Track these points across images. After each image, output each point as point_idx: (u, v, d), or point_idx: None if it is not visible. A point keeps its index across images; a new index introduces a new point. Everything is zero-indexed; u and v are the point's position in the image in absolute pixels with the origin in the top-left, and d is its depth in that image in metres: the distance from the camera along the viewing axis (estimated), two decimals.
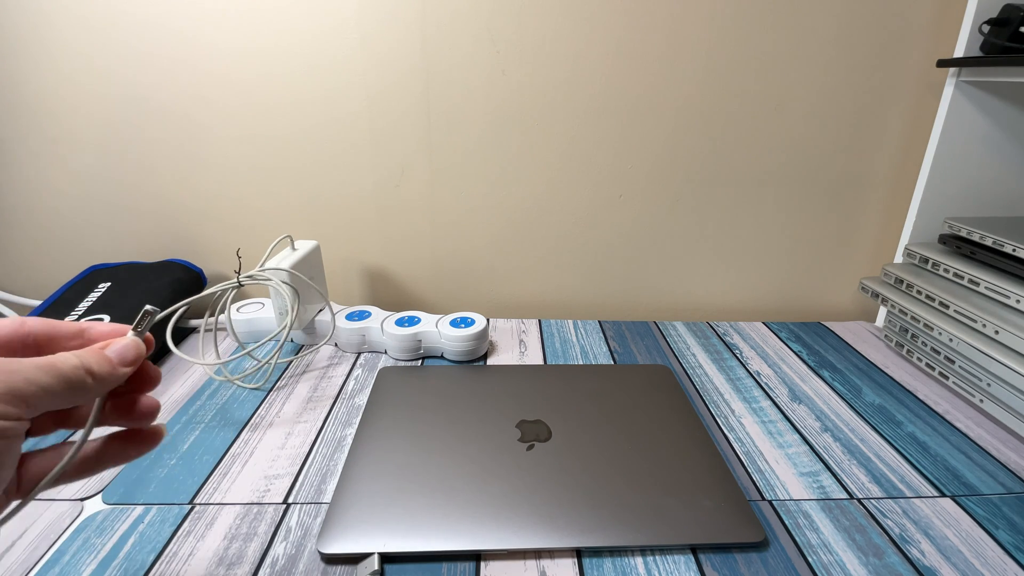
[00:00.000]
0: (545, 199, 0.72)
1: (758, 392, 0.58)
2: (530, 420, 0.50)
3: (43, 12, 0.62)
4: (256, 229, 0.73)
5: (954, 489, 0.45)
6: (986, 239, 0.57)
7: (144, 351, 0.28)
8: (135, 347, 0.27)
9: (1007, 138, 0.65)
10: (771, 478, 0.46)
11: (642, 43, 0.65)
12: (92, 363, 0.25)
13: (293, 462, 0.47)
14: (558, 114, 0.68)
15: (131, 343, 0.27)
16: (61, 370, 0.24)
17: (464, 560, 0.38)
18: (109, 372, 0.26)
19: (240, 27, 0.63)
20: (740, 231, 0.75)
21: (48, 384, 0.23)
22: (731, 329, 0.71)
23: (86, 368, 0.25)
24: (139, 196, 0.71)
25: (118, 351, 0.27)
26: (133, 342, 0.27)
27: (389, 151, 0.69)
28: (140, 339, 0.28)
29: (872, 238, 0.76)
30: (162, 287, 0.65)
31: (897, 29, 0.65)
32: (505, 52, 0.65)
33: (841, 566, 0.38)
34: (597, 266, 0.76)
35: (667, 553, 0.39)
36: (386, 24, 0.64)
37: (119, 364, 0.27)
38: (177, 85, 0.65)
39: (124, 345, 0.27)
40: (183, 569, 0.37)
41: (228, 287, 0.54)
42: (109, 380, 0.26)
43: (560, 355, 0.64)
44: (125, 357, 0.27)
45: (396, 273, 0.77)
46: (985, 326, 0.53)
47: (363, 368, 0.61)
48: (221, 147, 0.69)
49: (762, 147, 0.70)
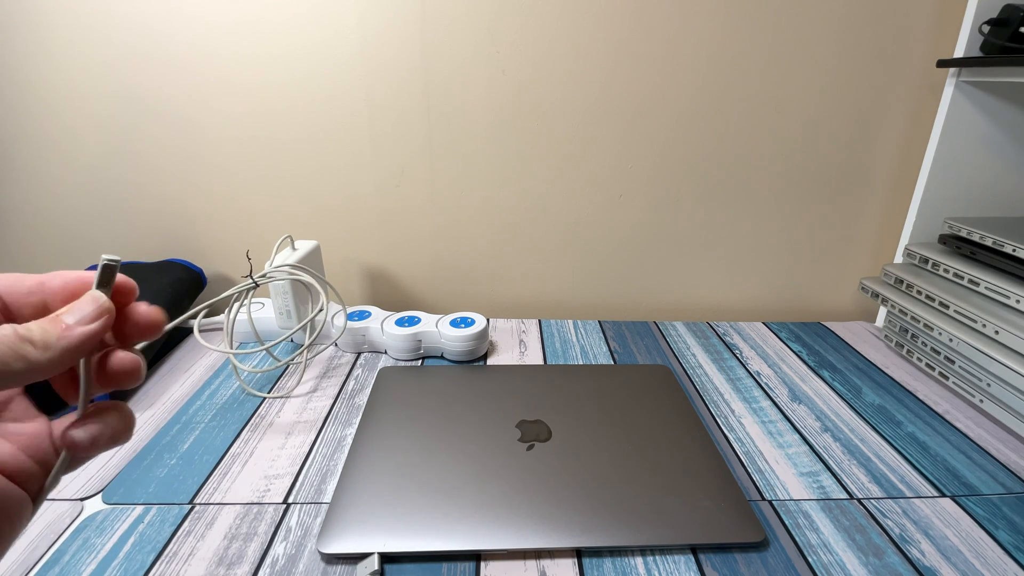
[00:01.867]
0: (545, 199, 0.72)
1: (758, 392, 0.58)
2: (530, 420, 0.50)
3: (43, 12, 0.62)
4: (256, 229, 0.73)
5: (954, 489, 0.45)
6: (986, 239, 0.57)
7: (106, 305, 0.23)
8: (93, 301, 0.22)
9: (1007, 138, 0.65)
10: (771, 478, 0.46)
11: (642, 44, 0.65)
12: (34, 330, 0.21)
13: (293, 462, 0.47)
14: (558, 114, 0.68)
15: (87, 297, 0.22)
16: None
17: (464, 560, 0.38)
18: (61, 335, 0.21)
19: (241, 29, 0.63)
20: (740, 231, 0.75)
21: None
22: (731, 329, 0.71)
23: (24, 337, 0.20)
24: (139, 196, 0.71)
25: (73, 309, 0.22)
26: (89, 296, 0.23)
27: (389, 151, 0.69)
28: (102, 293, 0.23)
29: (872, 238, 0.76)
30: (162, 287, 0.65)
31: (897, 29, 0.65)
32: (505, 53, 0.65)
33: (841, 566, 0.38)
34: (597, 266, 0.76)
35: (667, 553, 0.39)
36: (386, 25, 0.64)
37: (78, 324, 0.22)
38: (178, 87, 0.65)
39: (82, 301, 0.22)
40: (183, 569, 0.37)
41: (245, 288, 0.54)
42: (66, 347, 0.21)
43: (560, 355, 0.64)
44: (83, 313, 0.22)
45: (396, 273, 0.77)
46: (985, 326, 0.53)
47: (363, 368, 0.61)
48: (222, 148, 0.69)
49: (762, 147, 0.70)
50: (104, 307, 0.23)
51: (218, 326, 0.68)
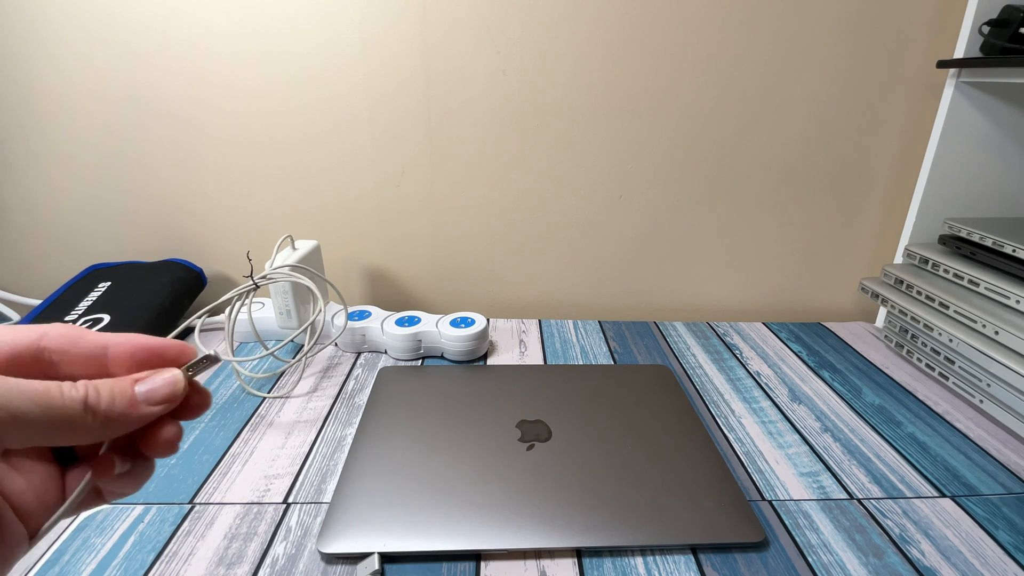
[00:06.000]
0: (545, 199, 0.72)
1: (758, 392, 0.58)
2: (530, 420, 0.50)
3: (43, 12, 0.62)
4: (257, 229, 0.73)
5: (954, 489, 0.45)
6: (986, 240, 0.57)
7: (181, 392, 0.22)
8: (171, 385, 0.22)
9: (1007, 139, 0.65)
10: (771, 478, 0.46)
11: (643, 45, 0.65)
12: (103, 399, 0.20)
13: (293, 462, 0.46)
14: (559, 115, 0.68)
15: (168, 379, 0.22)
16: (51, 401, 0.19)
17: (464, 560, 0.38)
18: (123, 412, 0.21)
19: (241, 29, 0.63)
20: (740, 231, 0.75)
21: (29, 414, 0.18)
22: (731, 329, 0.71)
23: (89, 404, 0.20)
24: (139, 196, 0.71)
25: (148, 386, 0.21)
26: (171, 378, 0.22)
27: (390, 152, 0.69)
28: (184, 378, 0.22)
29: (872, 238, 0.76)
30: (162, 287, 0.65)
31: (897, 30, 0.65)
32: (506, 53, 0.65)
33: (841, 566, 0.38)
34: (597, 266, 0.76)
35: (667, 553, 0.39)
36: (387, 26, 0.64)
37: (145, 402, 0.21)
38: (178, 87, 0.65)
39: (161, 381, 0.22)
40: (183, 569, 0.37)
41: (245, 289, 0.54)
42: (121, 422, 0.21)
43: (560, 355, 0.64)
44: (154, 395, 0.21)
45: (396, 273, 0.77)
46: (985, 327, 0.53)
47: (363, 368, 0.61)
48: (222, 148, 0.69)
49: (762, 148, 0.70)
50: (177, 395, 0.22)
51: (219, 326, 0.68)
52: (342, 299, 0.61)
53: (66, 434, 0.20)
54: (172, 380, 0.22)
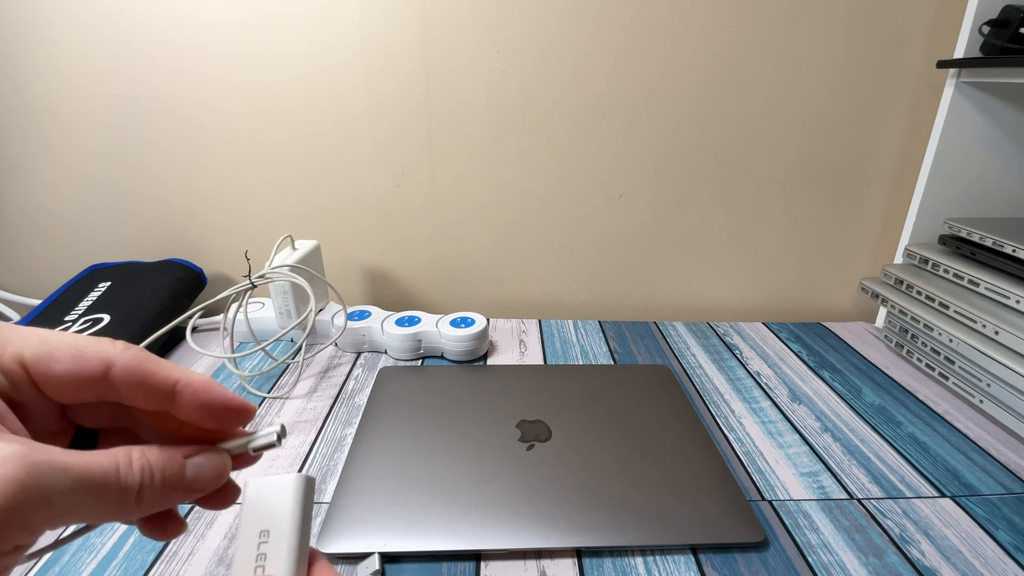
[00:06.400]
0: (545, 199, 0.72)
1: (758, 392, 0.58)
2: (530, 420, 0.50)
3: (43, 12, 0.62)
4: (256, 229, 0.73)
5: (954, 489, 0.45)
6: (986, 240, 0.57)
7: (223, 480, 0.21)
8: (219, 472, 0.20)
9: (1007, 139, 0.65)
10: (771, 478, 0.46)
11: (643, 45, 0.65)
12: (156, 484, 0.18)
13: (293, 462, 0.46)
14: (559, 115, 0.68)
15: (217, 464, 0.20)
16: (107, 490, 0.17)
17: (464, 560, 0.38)
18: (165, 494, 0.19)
19: (241, 30, 0.63)
20: (740, 231, 0.75)
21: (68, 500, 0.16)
22: (731, 329, 0.71)
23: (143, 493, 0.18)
24: (140, 196, 0.71)
25: (197, 468, 0.20)
26: (220, 463, 0.20)
27: (390, 152, 0.69)
28: (229, 462, 0.21)
29: (872, 238, 0.76)
30: (162, 287, 0.65)
31: (897, 30, 0.65)
32: (506, 53, 0.65)
33: (841, 566, 0.38)
34: (597, 266, 0.76)
35: (667, 553, 0.39)
36: (387, 26, 0.64)
37: (188, 488, 0.20)
38: (178, 87, 0.65)
39: (211, 467, 0.20)
40: (183, 569, 0.37)
41: (242, 289, 0.54)
42: (162, 502, 0.19)
43: (560, 355, 0.64)
44: (201, 478, 0.20)
45: (396, 273, 0.77)
46: (985, 327, 0.53)
47: (363, 368, 0.61)
48: (222, 148, 0.69)
49: (762, 148, 0.70)
50: (220, 481, 0.21)
51: (218, 325, 0.68)
52: (341, 299, 0.61)
53: (99, 518, 0.18)
54: (222, 464, 0.21)
